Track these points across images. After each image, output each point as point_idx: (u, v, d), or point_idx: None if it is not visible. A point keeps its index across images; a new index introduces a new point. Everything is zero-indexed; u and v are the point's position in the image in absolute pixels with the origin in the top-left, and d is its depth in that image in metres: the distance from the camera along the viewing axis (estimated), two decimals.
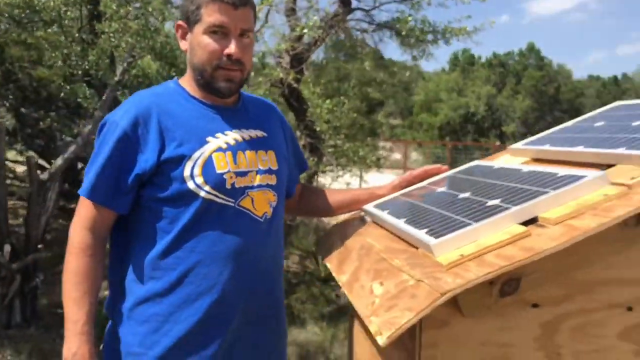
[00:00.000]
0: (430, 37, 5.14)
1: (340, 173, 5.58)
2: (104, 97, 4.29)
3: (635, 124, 1.43)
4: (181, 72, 4.72)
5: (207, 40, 1.43)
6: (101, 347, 1.54)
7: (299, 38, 4.56)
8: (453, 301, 1.05)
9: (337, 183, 5.69)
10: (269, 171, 1.54)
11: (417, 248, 1.25)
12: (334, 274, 1.51)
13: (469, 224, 1.16)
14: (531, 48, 29.23)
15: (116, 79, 4.04)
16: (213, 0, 1.41)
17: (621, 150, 1.26)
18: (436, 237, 1.16)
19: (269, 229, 1.53)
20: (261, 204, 1.50)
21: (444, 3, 5.28)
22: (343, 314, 4.77)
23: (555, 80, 29.35)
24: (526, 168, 1.45)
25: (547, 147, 1.59)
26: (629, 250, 1.14)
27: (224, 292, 1.44)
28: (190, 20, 1.46)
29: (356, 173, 5.66)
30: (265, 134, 1.58)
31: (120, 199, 1.43)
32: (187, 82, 1.53)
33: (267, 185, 1.52)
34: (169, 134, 1.42)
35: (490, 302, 1.10)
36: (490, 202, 1.26)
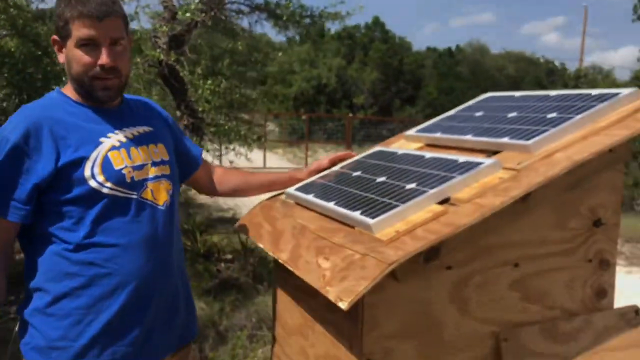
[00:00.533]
0: (308, 20, 5.40)
1: (224, 152, 5.69)
2: None
3: (510, 115, 1.78)
4: (44, 50, 4.49)
5: (80, 53, 1.51)
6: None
7: (173, 17, 4.53)
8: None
9: (218, 161, 5.83)
10: (162, 162, 1.67)
11: (353, 227, 1.48)
12: (269, 252, 1.70)
13: (397, 205, 1.41)
14: (376, 21, 30.80)
15: None
16: (78, 16, 1.48)
17: (505, 140, 1.58)
18: (372, 217, 1.40)
19: (170, 216, 1.67)
20: (160, 193, 1.63)
21: None
22: (226, 288, 4.94)
23: (398, 52, 31.25)
24: (428, 155, 1.73)
25: (439, 134, 1.89)
26: (516, 221, 1.47)
27: (139, 279, 1.55)
28: (61, 35, 1.53)
29: (240, 151, 5.80)
30: (151, 129, 1.70)
31: (19, 210, 1.47)
32: (69, 90, 1.60)
33: (163, 176, 1.66)
34: (62, 141, 1.49)
35: (417, 268, 1.37)
36: (408, 186, 1.52)
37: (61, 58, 1.57)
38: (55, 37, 1.56)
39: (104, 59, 1.50)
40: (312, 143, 20.40)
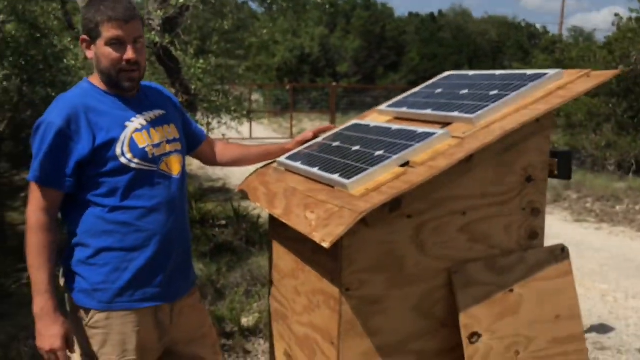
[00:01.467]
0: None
1: (216, 126, 6.04)
2: None
3: (462, 92, 2.14)
4: (42, 32, 4.73)
5: (109, 50, 1.83)
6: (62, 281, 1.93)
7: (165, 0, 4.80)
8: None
9: (212, 134, 6.17)
10: (174, 140, 2.03)
11: (332, 187, 1.85)
12: (266, 209, 2.07)
13: (367, 169, 1.79)
14: None
15: None
16: (108, 20, 1.81)
17: (456, 114, 1.95)
18: (348, 179, 1.77)
19: (182, 183, 2.04)
20: (174, 165, 1.99)
21: None
22: (222, 250, 5.33)
23: (380, 19, 31.36)
24: (394, 127, 2.10)
25: (404, 109, 2.26)
26: (462, 178, 1.85)
27: (162, 234, 1.92)
28: (92, 35, 1.85)
29: (231, 125, 6.14)
30: (164, 112, 2.05)
31: (64, 182, 1.82)
32: (97, 80, 1.93)
33: (175, 151, 2.02)
34: (96, 125, 1.83)
35: (384, 217, 1.75)
36: (377, 153, 1.89)
37: (89, 54, 1.90)
38: (84, 36, 1.88)
39: (129, 54, 1.83)
40: (297, 113, 20.70)
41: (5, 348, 3.41)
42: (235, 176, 9.95)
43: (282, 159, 2.25)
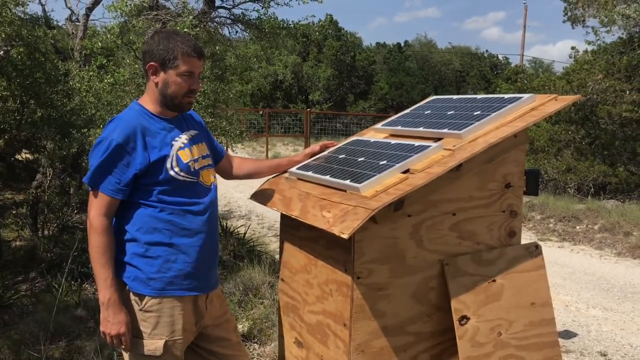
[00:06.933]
0: (284, 32, 6.06)
1: None
2: None
3: (449, 113, 2.51)
4: (43, 55, 4.97)
5: (180, 80, 2.16)
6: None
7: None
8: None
9: None
10: (207, 156, 2.35)
11: (345, 191, 2.17)
12: (283, 212, 2.38)
13: (375, 175, 2.12)
14: (330, 20, 31.64)
15: None
16: (188, 55, 2.14)
17: (446, 130, 2.31)
18: (359, 183, 2.10)
19: (215, 192, 2.34)
20: (208, 177, 2.30)
21: (288, 3, 6.23)
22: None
23: (351, 49, 32.18)
24: (393, 141, 2.44)
25: (399, 127, 2.61)
26: (452, 184, 2.20)
27: (203, 232, 2.22)
28: (166, 64, 2.15)
29: (227, 144, 6.42)
30: (197, 132, 2.37)
31: (122, 191, 2.11)
32: (147, 102, 2.22)
33: (208, 165, 2.33)
34: (150, 144, 2.13)
35: (389, 215, 2.08)
36: (381, 162, 2.23)
37: (155, 79, 2.18)
38: (154, 63, 2.16)
39: (196, 85, 2.18)
40: (271, 137, 21.06)
41: (17, 352, 3.58)
42: (222, 195, 10.18)
43: (294, 169, 2.57)
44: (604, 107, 11.98)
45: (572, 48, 13.78)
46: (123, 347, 2.12)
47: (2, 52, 4.25)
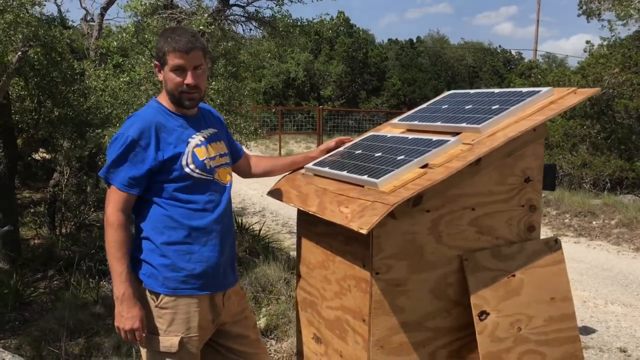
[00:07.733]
0: (297, 30, 6.07)
1: None
2: None
3: (467, 107, 2.49)
4: (60, 55, 5.01)
5: (173, 75, 2.15)
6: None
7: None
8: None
9: None
10: (224, 154, 2.34)
11: (362, 186, 2.16)
12: (301, 207, 2.38)
13: (393, 170, 2.11)
14: (342, 17, 31.58)
15: (13, 67, 4.24)
16: (173, 50, 2.13)
17: (464, 124, 2.29)
18: (377, 178, 2.09)
19: (230, 190, 2.34)
20: (224, 175, 2.30)
21: (302, 0, 6.25)
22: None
23: (363, 46, 32.11)
24: (410, 136, 2.43)
25: (416, 122, 2.59)
26: (471, 178, 2.18)
27: (218, 230, 2.22)
28: (161, 62, 2.17)
29: (240, 141, 6.45)
30: (216, 130, 2.36)
31: (138, 187, 2.12)
32: (164, 100, 2.23)
33: (225, 163, 2.33)
34: (165, 140, 2.14)
35: (408, 210, 2.07)
36: (399, 157, 2.22)
37: (160, 77, 2.21)
38: (156, 62, 2.20)
39: (188, 80, 2.15)
40: (284, 135, 21.10)
41: (37, 348, 3.63)
42: (236, 192, 10.18)
43: (310, 165, 2.57)
44: (620, 101, 11.85)
45: (587, 42, 13.65)
46: (138, 342, 2.13)
47: (20, 53, 4.29)
